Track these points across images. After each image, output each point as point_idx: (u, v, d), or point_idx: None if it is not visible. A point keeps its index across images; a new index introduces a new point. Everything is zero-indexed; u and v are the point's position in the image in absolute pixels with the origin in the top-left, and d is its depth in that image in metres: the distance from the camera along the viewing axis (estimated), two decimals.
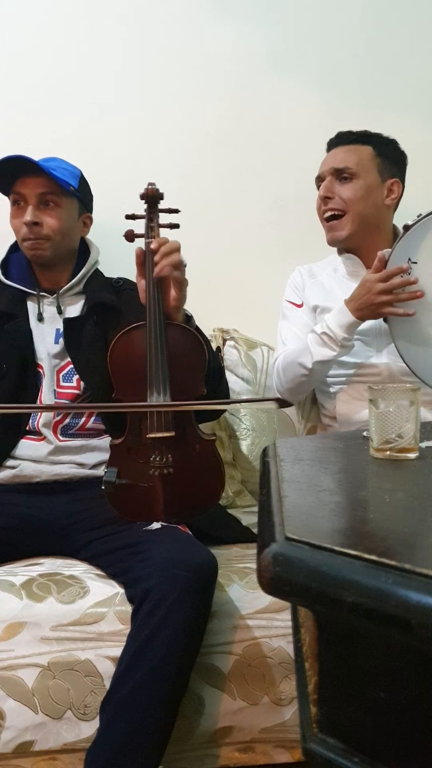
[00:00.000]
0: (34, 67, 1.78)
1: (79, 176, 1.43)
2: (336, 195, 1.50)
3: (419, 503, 0.64)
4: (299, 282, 1.64)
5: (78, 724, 1.05)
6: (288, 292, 1.66)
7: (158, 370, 1.19)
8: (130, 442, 1.22)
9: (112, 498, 1.20)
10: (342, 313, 1.40)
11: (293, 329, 1.58)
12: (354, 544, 0.47)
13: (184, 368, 1.22)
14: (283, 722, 1.11)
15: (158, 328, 1.21)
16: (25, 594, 1.09)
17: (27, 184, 1.35)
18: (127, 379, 1.24)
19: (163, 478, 1.19)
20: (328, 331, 1.40)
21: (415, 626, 0.40)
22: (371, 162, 1.51)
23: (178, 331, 1.25)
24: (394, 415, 0.80)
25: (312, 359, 1.43)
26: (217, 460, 1.24)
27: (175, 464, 1.19)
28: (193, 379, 1.25)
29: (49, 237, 1.37)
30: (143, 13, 1.81)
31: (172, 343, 1.22)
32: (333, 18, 1.89)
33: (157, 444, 1.19)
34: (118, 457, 1.23)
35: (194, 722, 1.08)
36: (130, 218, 1.27)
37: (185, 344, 1.24)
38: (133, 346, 1.23)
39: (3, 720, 1.04)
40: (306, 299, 1.61)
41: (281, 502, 0.60)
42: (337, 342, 1.40)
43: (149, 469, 1.19)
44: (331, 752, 0.50)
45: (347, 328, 1.39)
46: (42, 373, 1.36)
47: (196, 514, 1.23)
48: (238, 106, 1.87)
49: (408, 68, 1.91)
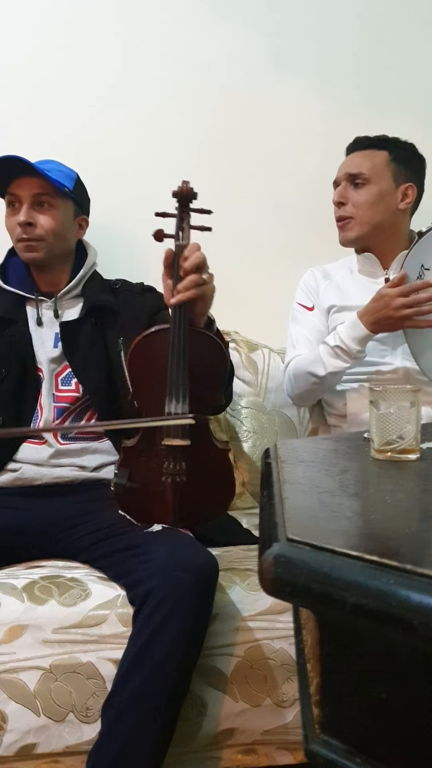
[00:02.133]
0: (34, 68, 1.78)
1: (75, 178, 1.44)
2: (349, 200, 1.53)
3: (420, 504, 0.64)
4: (312, 284, 1.64)
5: (80, 726, 1.05)
6: (299, 295, 1.66)
7: (178, 377, 1.14)
8: (144, 446, 1.20)
9: (121, 500, 1.20)
10: (355, 326, 1.41)
11: (304, 333, 1.59)
12: (355, 545, 0.47)
13: (204, 377, 1.18)
14: (286, 724, 1.11)
15: (181, 334, 1.15)
16: (27, 597, 1.09)
17: (22, 184, 1.36)
18: (146, 383, 1.20)
19: (175, 485, 1.17)
20: (341, 344, 1.42)
21: (416, 627, 0.40)
22: (385, 167, 1.52)
23: (202, 338, 1.19)
24: (395, 417, 0.80)
25: (325, 370, 1.45)
26: (230, 469, 1.23)
27: (188, 472, 1.17)
28: (212, 388, 1.22)
29: (42, 237, 1.37)
30: (143, 14, 1.81)
31: (194, 351, 1.16)
32: (332, 18, 1.89)
33: (171, 451, 1.16)
34: (130, 459, 1.21)
35: (196, 724, 1.08)
36: (160, 216, 1.18)
37: (207, 353, 1.19)
38: (155, 349, 1.18)
39: (5, 723, 1.04)
40: (320, 301, 1.61)
41: (282, 504, 0.60)
42: (350, 355, 1.42)
43: (161, 475, 1.16)
44: (333, 753, 0.50)
45: (360, 341, 1.41)
46: (42, 377, 1.37)
47: (204, 521, 1.23)
48: (237, 107, 1.87)
49: (408, 68, 1.92)
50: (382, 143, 1.55)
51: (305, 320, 1.61)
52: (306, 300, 1.64)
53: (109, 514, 1.21)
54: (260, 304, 1.84)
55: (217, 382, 1.23)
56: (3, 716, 1.04)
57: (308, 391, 1.54)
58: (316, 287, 1.63)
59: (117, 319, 1.40)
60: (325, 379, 1.47)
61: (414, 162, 1.57)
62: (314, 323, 1.59)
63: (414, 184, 1.54)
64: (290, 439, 1.70)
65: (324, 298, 1.61)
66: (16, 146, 1.49)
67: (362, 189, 1.52)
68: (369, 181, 1.51)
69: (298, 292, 1.66)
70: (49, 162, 1.42)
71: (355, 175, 1.52)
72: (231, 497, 1.24)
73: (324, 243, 1.63)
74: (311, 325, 1.59)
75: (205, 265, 1.16)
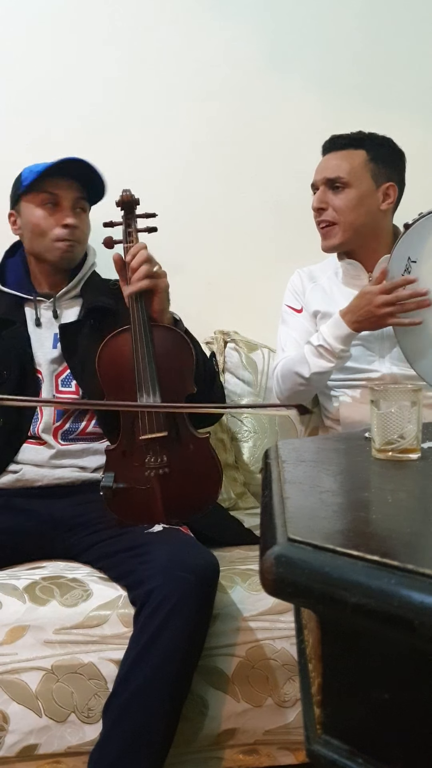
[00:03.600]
0: (30, 68, 1.77)
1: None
2: (329, 205, 1.48)
3: (421, 504, 0.64)
4: (299, 287, 1.63)
5: (82, 727, 1.05)
6: (287, 297, 1.64)
7: (146, 371, 1.20)
8: (125, 445, 1.23)
9: (111, 503, 1.20)
10: (338, 324, 1.38)
11: (293, 335, 1.57)
12: (356, 545, 0.47)
13: (171, 368, 1.24)
14: (287, 724, 1.11)
15: (143, 330, 1.22)
16: (28, 597, 1.09)
17: (64, 186, 1.37)
18: (116, 384, 1.25)
19: (160, 479, 1.19)
20: (324, 343, 1.40)
21: (418, 626, 0.40)
22: (364, 168, 1.48)
23: (162, 331, 1.26)
24: (396, 416, 0.80)
25: (309, 370, 1.43)
26: (213, 458, 1.24)
27: (170, 464, 1.20)
28: (182, 378, 1.25)
29: (80, 241, 1.41)
30: (141, 14, 1.81)
31: (157, 343, 1.23)
32: (331, 18, 1.89)
33: (150, 445, 1.19)
34: (114, 461, 1.23)
35: (198, 725, 1.08)
36: (108, 226, 1.31)
37: (170, 344, 1.26)
38: (120, 350, 1.25)
39: (7, 724, 1.04)
40: (306, 304, 1.60)
41: (283, 504, 0.60)
42: (334, 354, 1.40)
43: (145, 470, 1.19)
44: (335, 754, 0.50)
45: (344, 340, 1.38)
46: (41, 378, 1.36)
47: (196, 512, 1.23)
48: (236, 108, 1.87)
49: (407, 68, 1.92)
50: (358, 142, 1.50)
51: (294, 322, 1.60)
52: (294, 302, 1.62)
53: (110, 515, 1.21)
54: (260, 304, 1.84)
55: (187, 372, 1.26)
56: (5, 717, 1.04)
57: (296, 393, 1.50)
58: (302, 289, 1.62)
59: (116, 320, 1.40)
60: (311, 380, 1.44)
61: (393, 159, 1.52)
62: (303, 325, 1.58)
63: (394, 182, 1.50)
64: (291, 439, 1.70)
65: (310, 301, 1.59)
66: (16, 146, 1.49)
67: (342, 193, 1.47)
68: (348, 185, 1.46)
69: (286, 294, 1.65)
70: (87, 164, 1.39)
71: (333, 179, 1.47)
72: (218, 485, 1.25)
73: None
74: (300, 327, 1.58)
75: (152, 260, 1.26)
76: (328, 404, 1.59)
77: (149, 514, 1.19)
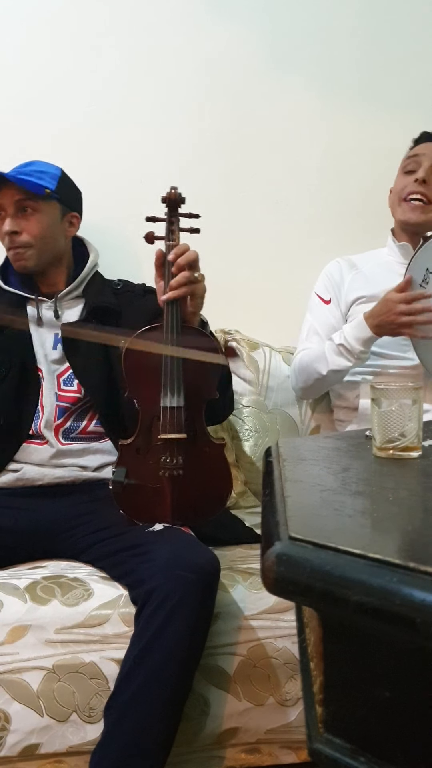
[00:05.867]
0: (29, 68, 1.77)
1: (59, 176, 1.41)
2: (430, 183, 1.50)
3: (422, 502, 0.64)
4: (336, 276, 1.62)
5: (83, 726, 1.05)
6: (319, 285, 1.64)
7: (173, 371, 1.19)
8: (140, 442, 1.22)
9: (120, 498, 1.20)
10: (360, 326, 1.40)
11: (315, 326, 1.58)
12: (358, 543, 0.47)
13: (198, 371, 1.22)
14: (289, 723, 1.11)
15: (174, 330, 1.20)
16: (29, 597, 1.09)
17: (3, 194, 1.35)
18: (141, 379, 1.22)
19: (173, 480, 1.19)
20: (346, 343, 1.42)
21: (419, 625, 0.40)
22: None
23: (194, 334, 1.24)
24: (397, 414, 0.80)
25: (327, 368, 1.45)
26: (226, 465, 1.25)
27: (185, 466, 1.19)
28: (207, 382, 1.24)
29: (29, 244, 1.36)
30: (140, 14, 1.81)
31: (187, 345, 1.21)
32: (331, 17, 1.89)
33: (168, 445, 1.18)
34: (127, 457, 1.22)
35: (199, 724, 1.08)
36: (150, 220, 1.25)
37: (200, 348, 1.23)
38: (149, 347, 1.22)
39: (8, 723, 1.04)
40: (344, 294, 1.59)
41: (284, 502, 0.60)
42: (353, 354, 1.42)
43: (159, 470, 1.18)
44: (337, 752, 0.50)
45: (364, 342, 1.40)
46: (42, 377, 1.36)
47: (203, 517, 1.23)
48: (236, 107, 1.87)
49: (407, 67, 1.91)
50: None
51: (319, 312, 1.60)
52: (324, 292, 1.62)
53: (111, 514, 1.21)
54: (261, 303, 1.84)
55: (211, 377, 1.25)
56: (6, 717, 1.04)
57: (311, 387, 1.55)
58: (340, 280, 1.61)
59: (118, 320, 1.40)
60: (328, 377, 1.47)
61: None
62: (327, 317, 1.58)
63: None
64: (292, 438, 1.70)
65: (350, 290, 1.58)
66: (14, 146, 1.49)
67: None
68: None
69: (318, 281, 1.64)
70: (31, 163, 1.39)
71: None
72: (228, 492, 1.25)
73: (327, 242, 1.63)
74: (324, 319, 1.58)
75: (197, 264, 1.21)
76: (346, 392, 1.59)
77: (156, 513, 1.19)
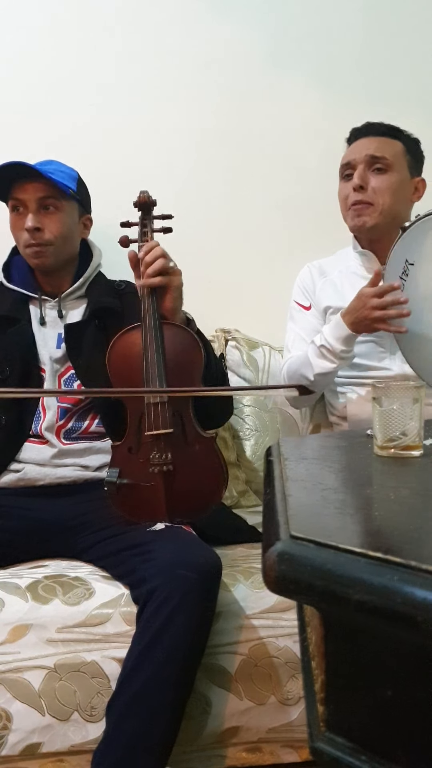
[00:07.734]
0: (30, 69, 1.77)
1: (77, 178, 1.43)
2: (368, 185, 1.45)
3: (424, 500, 0.64)
4: (309, 283, 1.61)
5: (85, 725, 1.05)
6: (296, 292, 1.62)
7: (154, 367, 1.20)
8: (131, 441, 1.23)
9: (114, 499, 1.20)
10: (338, 325, 1.37)
11: (300, 333, 1.56)
12: (359, 542, 0.47)
13: (180, 366, 1.24)
14: (290, 722, 1.11)
15: (153, 327, 1.23)
16: (31, 596, 1.09)
17: (26, 189, 1.34)
18: (124, 379, 1.25)
19: (164, 476, 1.19)
20: (326, 344, 1.39)
21: (421, 623, 0.40)
22: (403, 158, 1.47)
23: (173, 329, 1.26)
24: (398, 413, 0.80)
25: (313, 372, 1.42)
26: (218, 458, 1.24)
27: (174, 462, 1.20)
28: (190, 376, 1.25)
29: (51, 242, 1.36)
30: (140, 13, 1.81)
31: (167, 341, 1.24)
32: (331, 16, 1.89)
33: (156, 441, 1.20)
34: (119, 457, 1.24)
35: (201, 723, 1.08)
36: (125, 226, 1.31)
37: (180, 342, 1.26)
38: (130, 347, 1.25)
39: (10, 722, 1.04)
40: (317, 301, 1.58)
41: (286, 501, 0.60)
42: (336, 354, 1.39)
43: (149, 467, 1.19)
44: (338, 751, 0.50)
45: (345, 341, 1.37)
46: (44, 376, 1.36)
47: (199, 512, 1.23)
48: (236, 106, 1.87)
49: (408, 66, 1.91)
50: (395, 132, 1.49)
51: (301, 319, 1.58)
52: (302, 299, 1.60)
53: (112, 514, 1.22)
54: (260, 302, 1.84)
55: (195, 371, 1.26)
56: (8, 716, 1.04)
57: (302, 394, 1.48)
58: (312, 286, 1.60)
59: (121, 321, 1.40)
60: (316, 382, 1.44)
61: (421, 158, 1.53)
62: (311, 322, 1.57)
63: (423, 179, 1.51)
64: (292, 437, 1.70)
65: (321, 297, 1.57)
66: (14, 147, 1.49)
67: (384, 175, 1.45)
68: (391, 168, 1.44)
69: (294, 289, 1.63)
70: (51, 162, 1.40)
71: (378, 158, 1.44)
72: (222, 485, 1.25)
73: (325, 241, 1.63)
74: (307, 325, 1.56)
75: (167, 257, 1.25)
76: (335, 401, 1.58)
77: (152, 512, 1.19)
